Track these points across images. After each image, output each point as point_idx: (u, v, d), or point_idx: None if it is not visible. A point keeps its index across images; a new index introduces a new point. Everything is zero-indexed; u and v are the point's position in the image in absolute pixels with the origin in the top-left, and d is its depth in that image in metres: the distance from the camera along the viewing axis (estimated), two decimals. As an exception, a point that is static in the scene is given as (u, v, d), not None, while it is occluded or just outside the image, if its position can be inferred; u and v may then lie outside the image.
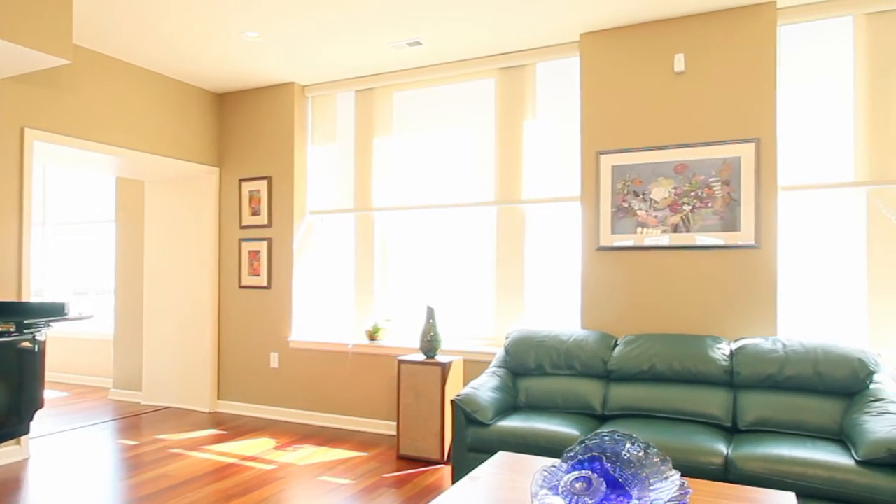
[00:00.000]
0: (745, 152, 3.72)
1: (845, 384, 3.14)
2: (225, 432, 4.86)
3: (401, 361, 4.27)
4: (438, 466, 4.07)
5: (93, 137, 4.57)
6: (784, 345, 3.34)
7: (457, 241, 4.83)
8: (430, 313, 4.31)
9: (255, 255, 5.43)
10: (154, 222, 5.88)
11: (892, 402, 2.94)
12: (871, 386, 3.10)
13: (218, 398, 5.60)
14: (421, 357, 4.34)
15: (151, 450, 4.37)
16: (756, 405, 3.25)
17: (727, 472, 2.84)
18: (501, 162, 4.60)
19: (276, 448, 4.44)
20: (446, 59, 4.69)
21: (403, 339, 4.97)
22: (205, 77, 5.18)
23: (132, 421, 5.22)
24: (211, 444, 4.53)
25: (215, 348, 5.58)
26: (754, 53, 3.75)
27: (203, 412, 5.54)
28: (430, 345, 4.28)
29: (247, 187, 5.48)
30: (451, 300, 4.82)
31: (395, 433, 4.83)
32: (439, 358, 4.30)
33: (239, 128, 5.56)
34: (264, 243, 5.38)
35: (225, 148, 5.63)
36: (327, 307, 5.38)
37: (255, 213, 5.44)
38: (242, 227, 5.51)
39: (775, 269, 3.67)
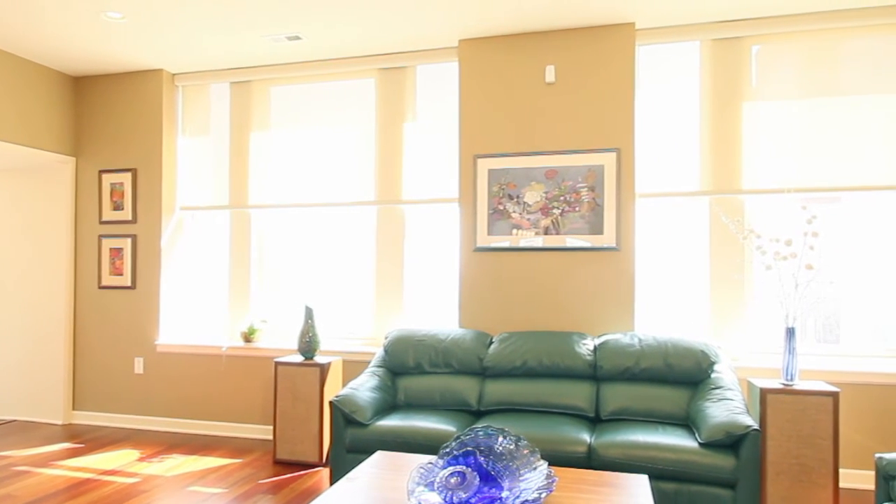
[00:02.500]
0: (608, 161, 4.01)
1: (691, 374, 3.48)
2: (81, 445, 4.49)
3: (278, 363, 4.17)
4: (317, 469, 4.02)
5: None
6: (640, 339, 3.64)
7: (336, 240, 4.79)
8: (309, 313, 4.25)
9: (117, 252, 5.06)
10: (-4, 216, 5.30)
11: (729, 389, 3.30)
12: (713, 375, 3.45)
13: (73, 409, 5.16)
14: (299, 358, 4.27)
15: (-8, 469, 3.95)
16: (616, 396, 3.52)
17: (590, 459, 3.06)
18: (382, 162, 4.62)
19: (141, 459, 4.17)
20: (326, 56, 4.62)
21: (281, 341, 4.85)
22: (57, 57, 4.75)
23: (-32, 437, 4.68)
24: (64, 458, 4.17)
25: (70, 354, 5.13)
26: (616, 70, 4.04)
27: (55, 424, 5.07)
28: (308, 345, 4.21)
29: (108, 179, 5.09)
30: (331, 300, 4.78)
31: (271, 437, 4.71)
32: (318, 359, 4.25)
33: (99, 115, 5.14)
34: (128, 240, 5.03)
35: (82, 136, 5.19)
36: (199, 308, 5.12)
37: (117, 207, 5.07)
38: (103, 223, 5.11)
39: (633, 269, 3.98)
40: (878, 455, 2.43)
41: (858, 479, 3.68)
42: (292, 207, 4.80)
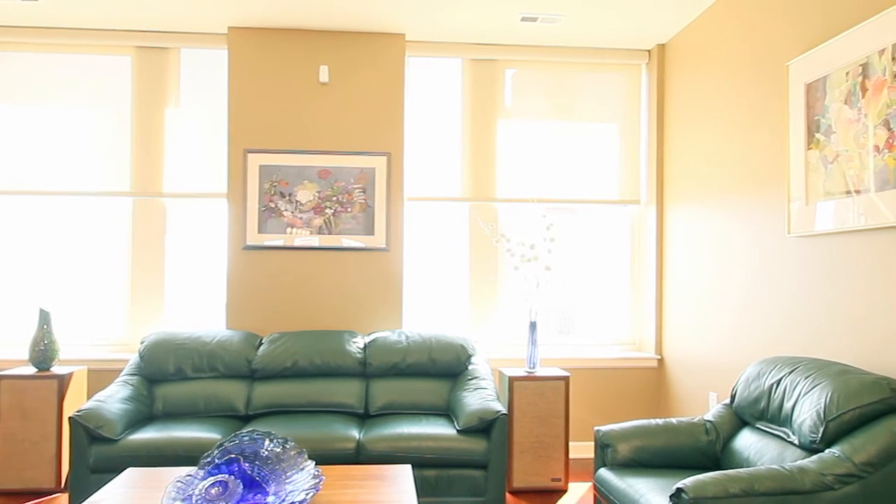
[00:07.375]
0: (379, 164, 4.15)
1: (451, 367, 3.76)
2: None
3: (1, 377, 3.58)
4: (54, 496, 3.54)
5: None
6: (407, 336, 3.84)
7: (82, 235, 4.24)
8: (44, 318, 3.72)
9: None
10: None
11: (483, 379, 3.64)
12: (470, 367, 3.78)
13: None
14: (31, 370, 3.71)
15: None
16: (384, 391, 3.67)
17: (359, 455, 3.15)
18: (138, 150, 4.21)
19: None
20: (71, 24, 4.07)
21: (7, 351, 4.16)
22: None
23: None
24: None
25: None
26: (388, 76, 4.20)
27: None
28: (43, 354, 3.68)
29: None
30: (75, 303, 4.22)
31: (-9, 464, 4.02)
32: (56, 369, 3.73)
33: None
34: None
35: None
36: None
37: None
38: None
39: (402, 269, 4.18)
40: (596, 428, 2.89)
41: (583, 449, 4.32)
42: (22, 195, 4.15)
